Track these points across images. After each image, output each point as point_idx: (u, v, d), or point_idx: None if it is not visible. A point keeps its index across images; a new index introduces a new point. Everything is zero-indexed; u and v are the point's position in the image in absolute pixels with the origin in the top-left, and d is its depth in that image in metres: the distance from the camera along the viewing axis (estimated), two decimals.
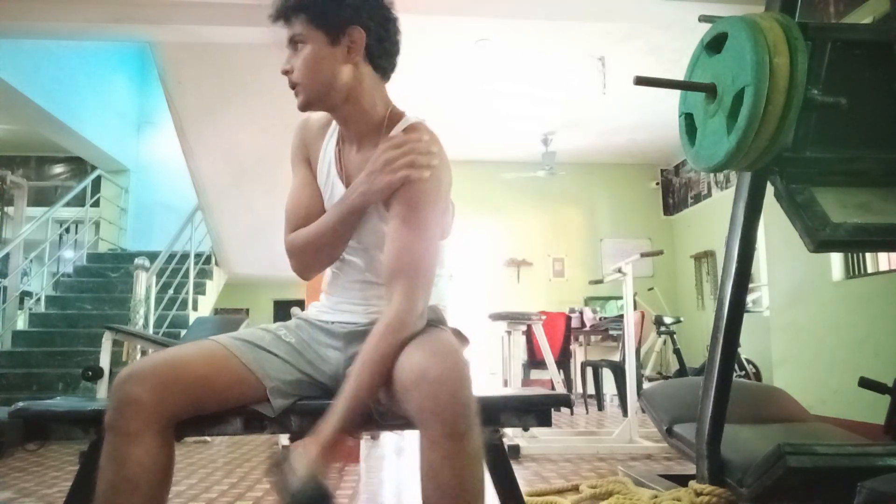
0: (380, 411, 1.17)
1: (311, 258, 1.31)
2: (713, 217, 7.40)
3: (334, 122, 1.36)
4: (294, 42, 1.23)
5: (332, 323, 1.33)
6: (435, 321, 1.25)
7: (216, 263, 6.99)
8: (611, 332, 6.15)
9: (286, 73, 1.25)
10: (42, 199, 7.93)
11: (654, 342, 6.17)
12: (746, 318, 2.11)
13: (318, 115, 1.39)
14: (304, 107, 1.27)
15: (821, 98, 1.59)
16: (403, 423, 1.13)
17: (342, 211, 1.25)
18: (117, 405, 1.05)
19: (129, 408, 1.04)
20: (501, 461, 1.29)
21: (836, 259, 4.01)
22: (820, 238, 1.60)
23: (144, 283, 4.71)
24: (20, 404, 1.22)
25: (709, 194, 7.71)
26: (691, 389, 2.24)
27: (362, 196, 1.23)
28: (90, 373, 3.55)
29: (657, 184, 8.75)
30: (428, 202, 1.22)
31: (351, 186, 1.26)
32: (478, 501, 1.00)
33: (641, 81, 1.68)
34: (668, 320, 5.90)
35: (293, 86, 1.25)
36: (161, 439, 1.06)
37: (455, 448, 0.97)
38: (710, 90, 1.68)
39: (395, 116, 1.31)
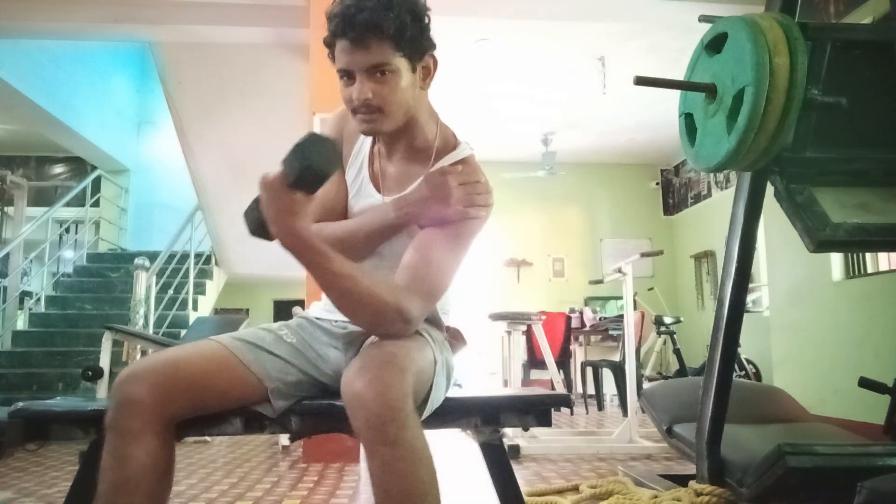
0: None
1: None
2: (713, 217, 7.40)
3: None
4: (375, 68, 1.16)
5: (333, 322, 1.33)
6: (427, 319, 1.26)
7: (216, 263, 6.99)
8: (611, 332, 6.15)
9: (365, 99, 1.17)
10: (42, 199, 7.93)
11: (654, 342, 6.17)
12: (746, 318, 2.11)
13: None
14: (382, 133, 1.24)
15: (821, 98, 1.59)
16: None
17: (381, 223, 1.25)
18: (117, 405, 1.05)
19: (128, 408, 1.05)
20: (501, 461, 1.29)
21: (836, 259, 4.01)
22: (820, 238, 1.60)
23: (144, 283, 4.70)
24: (20, 404, 1.22)
25: (709, 194, 7.71)
26: (691, 389, 2.24)
27: (409, 217, 1.23)
28: (90, 373, 3.54)
29: (657, 184, 8.75)
30: (467, 233, 1.25)
31: (397, 202, 1.23)
32: (427, 502, 1.01)
33: (641, 81, 1.68)
34: (668, 320, 5.90)
35: (373, 110, 1.18)
36: (161, 439, 1.06)
37: (391, 454, 0.98)
38: (710, 90, 1.68)
39: (449, 141, 1.31)
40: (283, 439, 3.56)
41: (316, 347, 1.31)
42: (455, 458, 3.44)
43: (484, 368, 7.19)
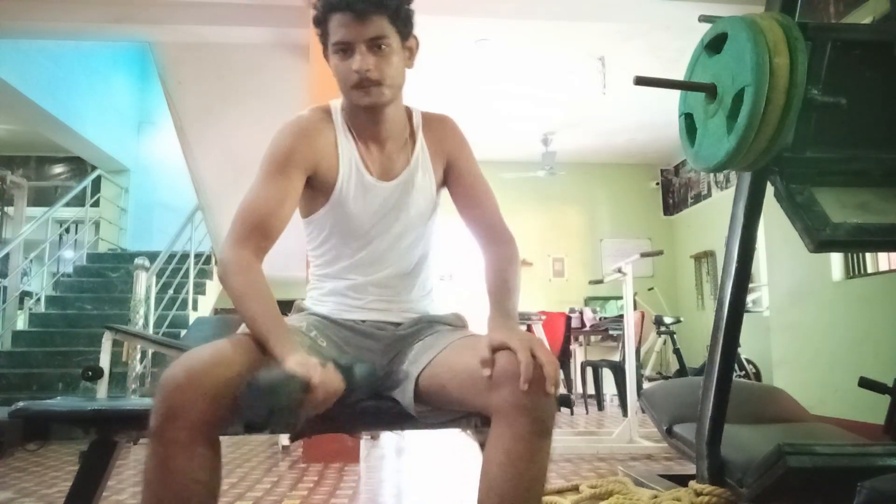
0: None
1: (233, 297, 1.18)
2: (713, 217, 7.40)
3: (335, 121, 1.33)
4: (374, 42, 1.21)
5: (364, 322, 1.31)
6: (463, 324, 1.35)
7: (216, 263, 6.97)
8: (611, 332, 6.15)
9: (366, 71, 1.20)
10: (42, 199, 7.92)
11: (654, 342, 6.17)
12: (746, 318, 2.11)
13: (310, 118, 1.33)
14: (380, 106, 1.27)
15: (821, 98, 1.59)
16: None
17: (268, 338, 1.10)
18: (169, 414, 0.96)
19: (183, 417, 0.96)
20: None
21: (836, 259, 4.01)
22: (820, 238, 1.60)
23: (144, 283, 4.70)
24: (20, 404, 1.22)
25: (709, 194, 7.71)
26: (691, 389, 2.24)
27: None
28: (90, 373, 3.54)
29: (657, 184, 8.74)
30: (473, 155, 1.42)
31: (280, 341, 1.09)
32: (542, 495, 1.05)
33: (641, 81, 1.68)
34: (668, 320, 5.90)
35: (372, 83, 1.22)
36: (213, 450, 1.00)
37: (540, 444, 1.02)
38: (710, 90, 1.67)
39: (409, 114, 1.39)
40: (283, 439, 3.56)
41: (348, 350, 1.28)
42: (455, 457, 3.45)
43: None
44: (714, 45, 1.71)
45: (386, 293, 1.34)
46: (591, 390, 5.91)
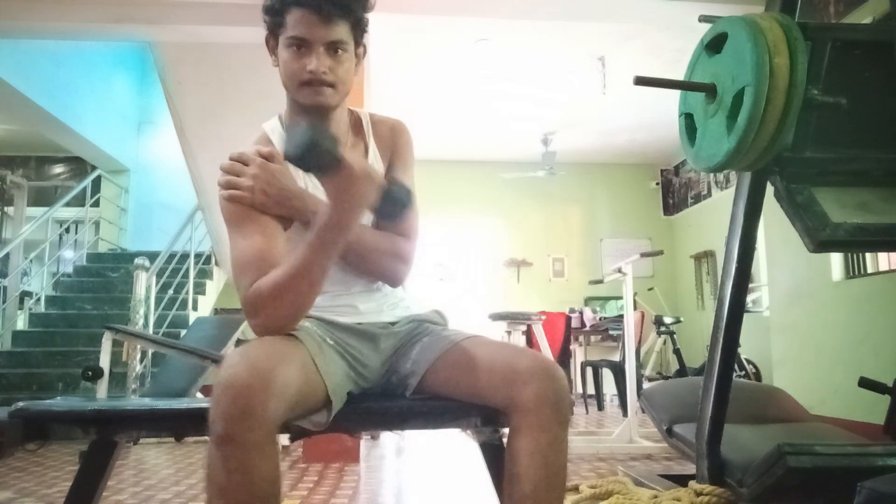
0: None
1: (291, 304, 1.13)
2: (713, 217, 7.40)
3: (276, 143, 1.33)
4: (333, 45, 1.20)
5: (361, 325, 1.30)
6: (444, 321, 1.37)
7: (216, 263, 6.98)
8: (611, 332, 6.15)
9: (321, 73, 1.19)
10: (42, 199, 7.92)
11: (654, 342, 6.17)
12: (746, 318, 2.11)
13: (258, 142, 1.33)
14: (328, 108, 1.25)
15: (821, 98, 1.59)
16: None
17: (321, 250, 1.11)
18: (243, 414, 0.92)
19: (257, 417, 0.93)
20: (501, 461, 1.29)
21: (836, 259, 4.01)
22: (820, 238, 1.60)
23: (144, 283, 4.70)
24: (20, 404, 1.21)
25: (709, 194, 7.71)
26: (691, 389, 2.24)
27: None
28: (90, 373, 3.54)
29: (657, 184, 8.74)
30: (412, 162, 1.40)
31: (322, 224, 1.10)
32: (565, 484, 1.13)
33: (641, 81, 1.68)
34: (668, 320, 5.90)
35: (324, 84, 1.21)
36: (276, 448, 0.98)
37: (561, 433, 1.10)
38: (710, 90, 1.68)
39: (355, 115, 1.38)
40: (283, 439, 3.55)
41: (354, 352, 1.27)
42: (455, 458, 3.45)
43: None
44: (714, 45, 1.71)
45: (374, 296, 1.34)
46: (591, 390, 5.91)
